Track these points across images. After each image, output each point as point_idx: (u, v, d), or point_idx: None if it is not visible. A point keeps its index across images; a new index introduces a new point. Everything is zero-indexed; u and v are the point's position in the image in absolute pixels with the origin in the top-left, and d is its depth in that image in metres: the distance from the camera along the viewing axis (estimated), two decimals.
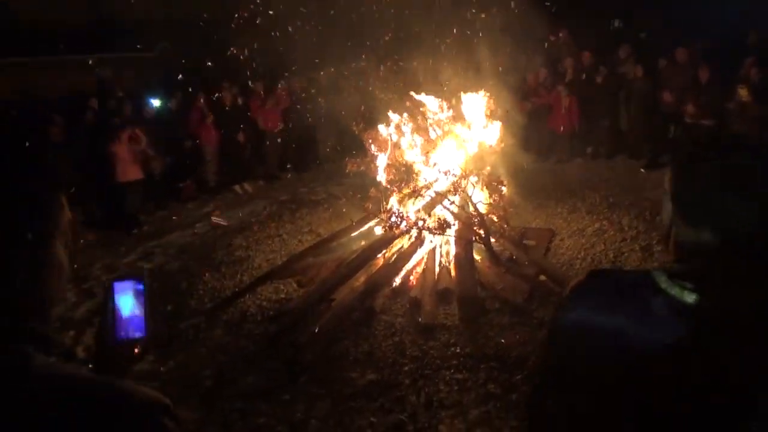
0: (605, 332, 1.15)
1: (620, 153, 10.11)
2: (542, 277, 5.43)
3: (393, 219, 5.73)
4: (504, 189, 6.23)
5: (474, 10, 10.51)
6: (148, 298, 1.16)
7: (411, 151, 6.19)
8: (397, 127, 6.44)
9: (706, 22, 11.63)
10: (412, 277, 5.67)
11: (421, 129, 6.37)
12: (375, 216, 6.10)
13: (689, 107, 8.39)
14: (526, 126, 9.77)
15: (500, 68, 9.66)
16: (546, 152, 10.55)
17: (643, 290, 1.14)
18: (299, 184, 10.20)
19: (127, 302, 1.15)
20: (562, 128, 10.18)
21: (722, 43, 9.17)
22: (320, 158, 11.29)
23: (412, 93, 6.80)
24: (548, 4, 12.68)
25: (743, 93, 7.56)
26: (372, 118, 7.14)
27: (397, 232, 5.81)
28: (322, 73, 11.06)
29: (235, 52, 11.73)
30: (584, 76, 10.26)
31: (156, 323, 1.17)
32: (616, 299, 1.17)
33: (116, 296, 1.14)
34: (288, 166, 11.00)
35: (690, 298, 1.07)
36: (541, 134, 10.42)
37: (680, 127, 8.89)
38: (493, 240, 5.76)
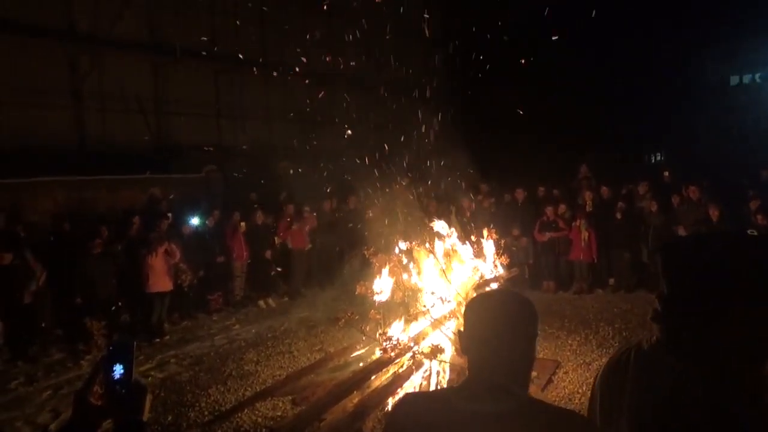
0: None
1: (641, 286, 10.07)
2: None
3: (390, 342, 5.89)
4: None
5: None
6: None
7: (413, 278, 6.47)
8: (404, 252, 6.81)
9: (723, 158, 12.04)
10: None
11: (425, 257, 6.70)
12: (374, 338, 6.28)
13: None
14: (541, 256, 9.99)
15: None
16: (566, 282, 10.63)
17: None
18: (320, 303, 10.49)
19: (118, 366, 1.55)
20: (581, 259, 10.33)
21: (733, 179, 9.45)
22: (345, 279, 11.66)
23: (428, 221, 7.25)
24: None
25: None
26: (388, 242, 7.57)
27: (394, 355, 5.94)
28: (351, 197, 11.83)
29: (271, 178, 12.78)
30: (602, 209, 10.56)
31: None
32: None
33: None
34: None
35: None
36: (559, 264, 10.57)
37: None
38: None
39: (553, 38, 12.39)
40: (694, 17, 18.19)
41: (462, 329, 1.51)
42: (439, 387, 5.70)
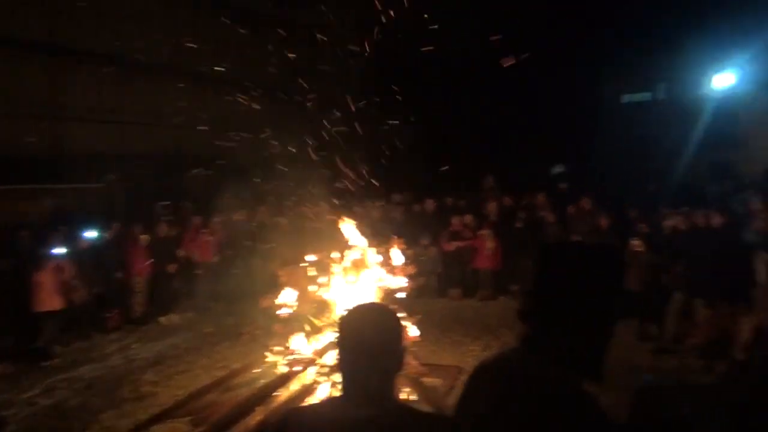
0: None
1: None
2: None
3: (294, 356, 5.83)
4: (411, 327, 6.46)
5: None
6: None
7: (320, 290, 6.45)
8: (311, 264, 6.78)
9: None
10: None
11: (333, 267, 6.70)
12: (279, 352, 6.20)
13: None
14: (449, 265, 10.28)
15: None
16: (472, 290, 10.97)
17: None
18: (228, 317, 10.14)
19: None
20: (486, 267, 10.72)
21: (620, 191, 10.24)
22: (255, 291, 11.38)
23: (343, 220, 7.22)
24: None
25: (637, 244, 8.27)
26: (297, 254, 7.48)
27: (299, 369, 5.87)
28: (261, 207, 11.61)
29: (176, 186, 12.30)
30: (504, 219, 11.04)
31: None
32: None
33: None
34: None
35: None
36: (465, 272, 10.91)
37: None
38: None
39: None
40: (590, 38, 19.45)
41: (337, 342, 1.62)
42: None
